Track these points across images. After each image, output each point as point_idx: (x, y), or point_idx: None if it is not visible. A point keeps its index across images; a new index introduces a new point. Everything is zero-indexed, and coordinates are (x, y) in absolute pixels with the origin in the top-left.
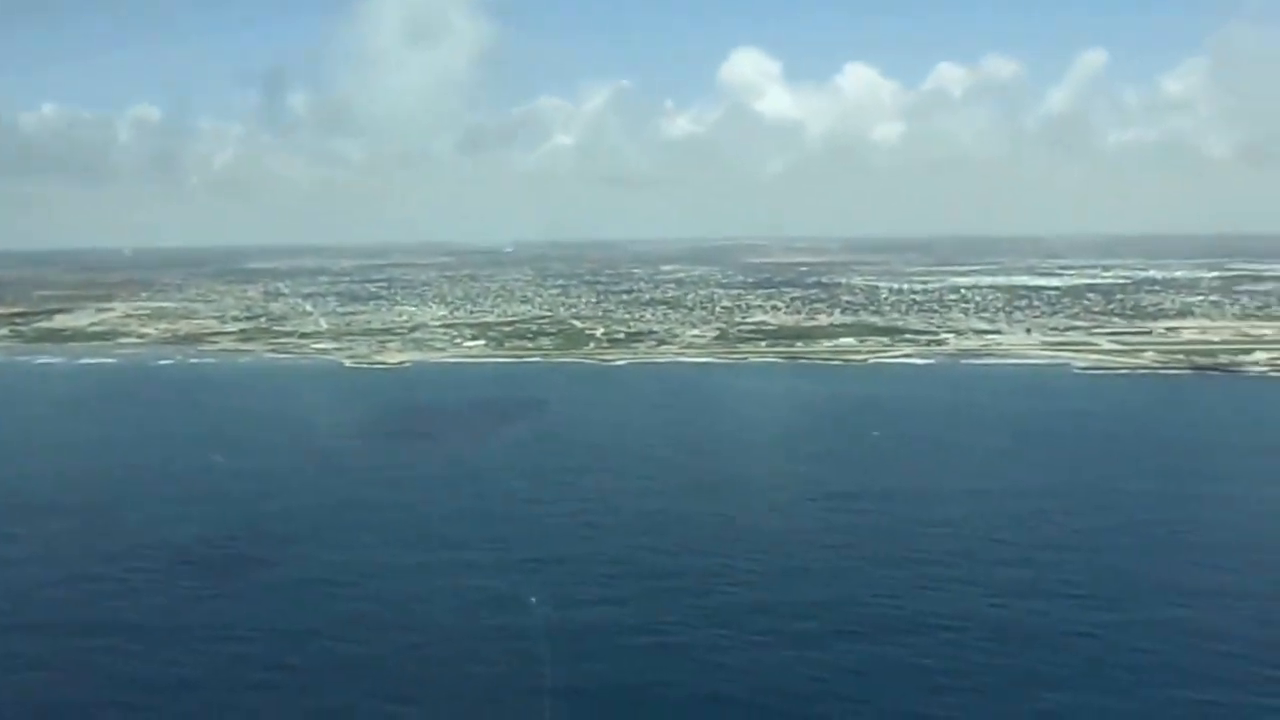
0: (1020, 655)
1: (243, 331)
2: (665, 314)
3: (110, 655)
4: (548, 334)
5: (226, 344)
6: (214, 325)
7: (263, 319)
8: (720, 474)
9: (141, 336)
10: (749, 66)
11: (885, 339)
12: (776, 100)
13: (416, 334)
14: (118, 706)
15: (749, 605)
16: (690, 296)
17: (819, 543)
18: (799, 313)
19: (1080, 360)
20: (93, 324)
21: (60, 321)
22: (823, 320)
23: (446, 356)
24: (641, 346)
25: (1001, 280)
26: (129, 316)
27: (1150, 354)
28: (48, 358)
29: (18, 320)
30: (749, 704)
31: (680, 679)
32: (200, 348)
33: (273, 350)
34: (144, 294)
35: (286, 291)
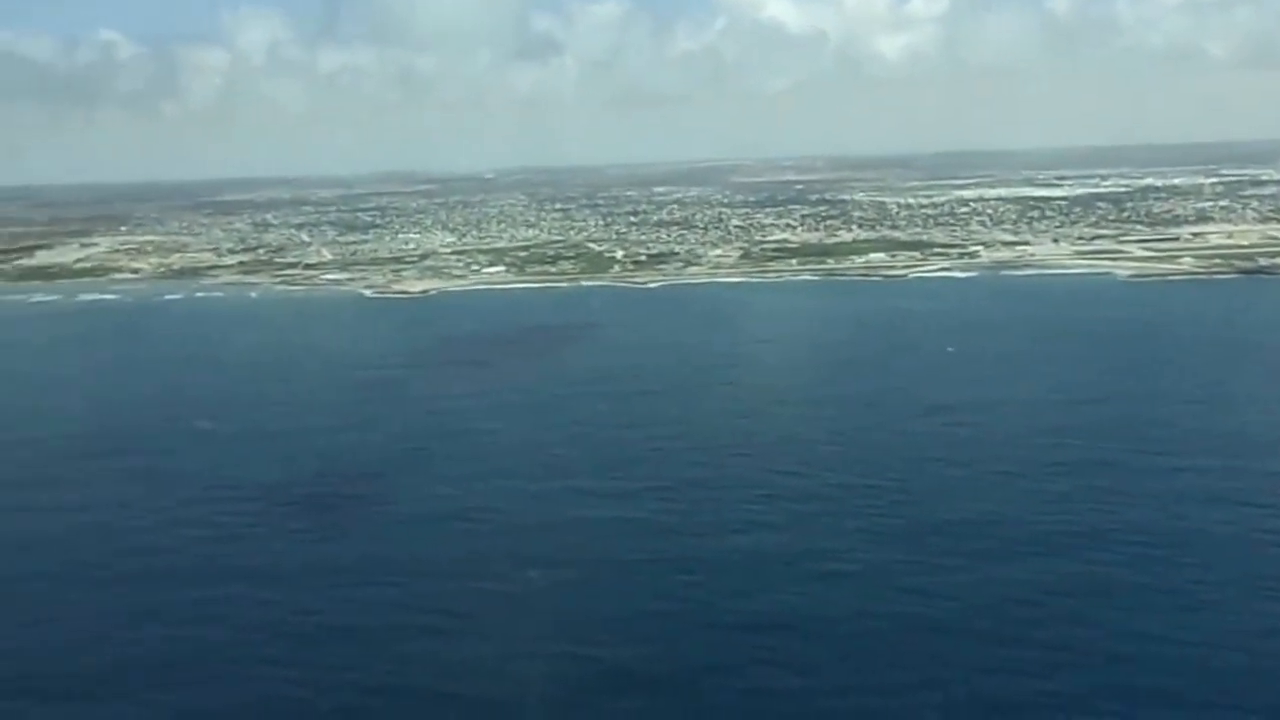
0: (1225, 566)
1: (243, 264)
2: (680, 235)
3: (239, 603)
4: (567, 258)
5: (228, 277)
6: (210, 259)
7: (260, 251)
8: (806, 392)
9: (135, 272)
10: None
11: (915, 253)
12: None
13: (429, 262)
14: (266, 661)
15: (908, 525)
16: (699, 217)
17: (944, 458)
18: (816, 230)
19: (1122, 269)
20: (79, 260)
21: (43, 258)
22: (845, 236)
23: (468, 284)
24: (668, 268)
25: (1005, 192)
26: (116, 252)
27: (1188, 260)
28: (41, 295)
29: None
30: (964, 630)
31: (878, 608)
32: (202, 282)
33: (281, 283)
34: (123, 228)
35: (275, 223)
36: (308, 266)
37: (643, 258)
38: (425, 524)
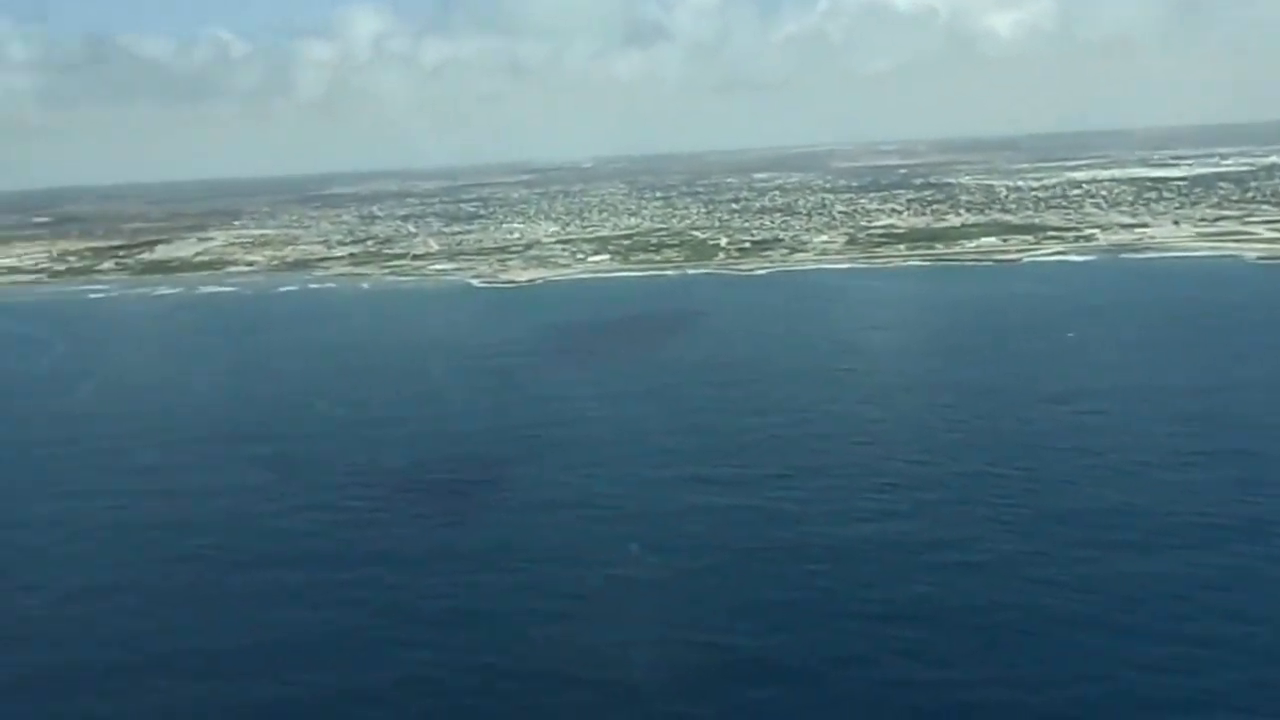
0: None
1: (353, 256)
2: (784, 221)
3: (373, 587)
4: (670, 246)
5: (340, 269)
6: (321, 251)
7: (369, 243)
8: (924, 379)
9: (250, 264)
10: None
11: (1028, 237)
12: None
13: (534, 251)
14: (400, 644)
15: (1039, 515)
16: (801, 203)
17: (1072, 446)
18: (923, 214)
19: (1250, 251)
20: (197, 254)
21: (163, 253)
22: (953, 221)
23: (574, 273)
24: (774, 254)
25: (1120, 173)
26: (232, 245)
27: None
28: (165, 288)
29: (119, 253)
30: (1104, 624)
31: (1012, 599)
32: (314, 273)
33: (391, 273)
34: (236, 223)
35: (382, 215)
36: (415, 257)
37: (747, 245)
38: (546, 510)
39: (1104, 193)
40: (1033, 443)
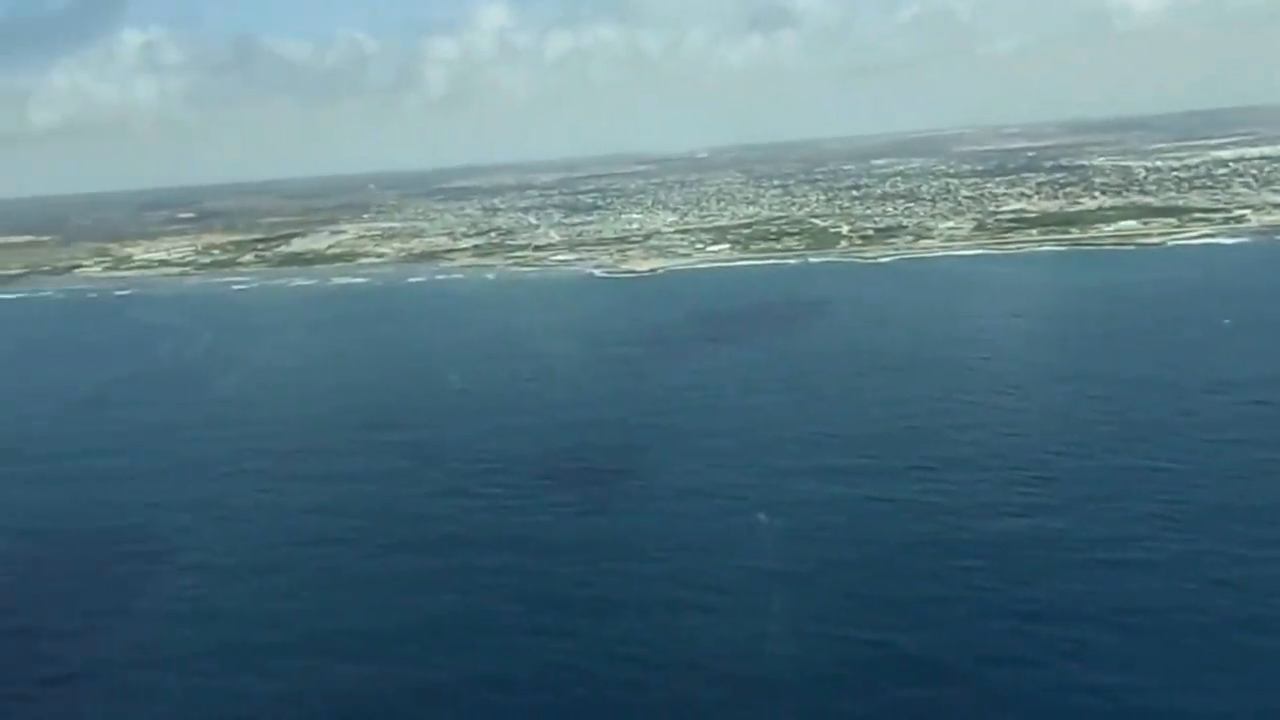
0: None
1: (477, 247)
2: (907, 208)
3: (513, 573)
4: (790, 234)
5: (465, 260)
6: (447, 243)
7: (492, 234)
8: (1071, 368)
9: (379, 256)
10: None
11: (1171, 220)
12: None
13: (653, 241)
14: (543, 631)
15: (1208, 511)
16: (924, 188)
17: (1240, 438)
18: (1055, 198)
19: None
20: (330, 247)
21: (298, 245)
22: (1088, 204)
23: (694, 262)
24: (898, 242)
25: (1270, 150)
26: (362, 238)
27: None
28: (301, 280)
29: (258, 246)
30: None
31: (1187, 600)
32: (441, 265)
33: (514, 264)
34: (365, 216)
35: (503, 207)
36: (537, 248)
37: (870, 232)
38: (681, 499)
39: (1254, 171)
40: (1194, 435)
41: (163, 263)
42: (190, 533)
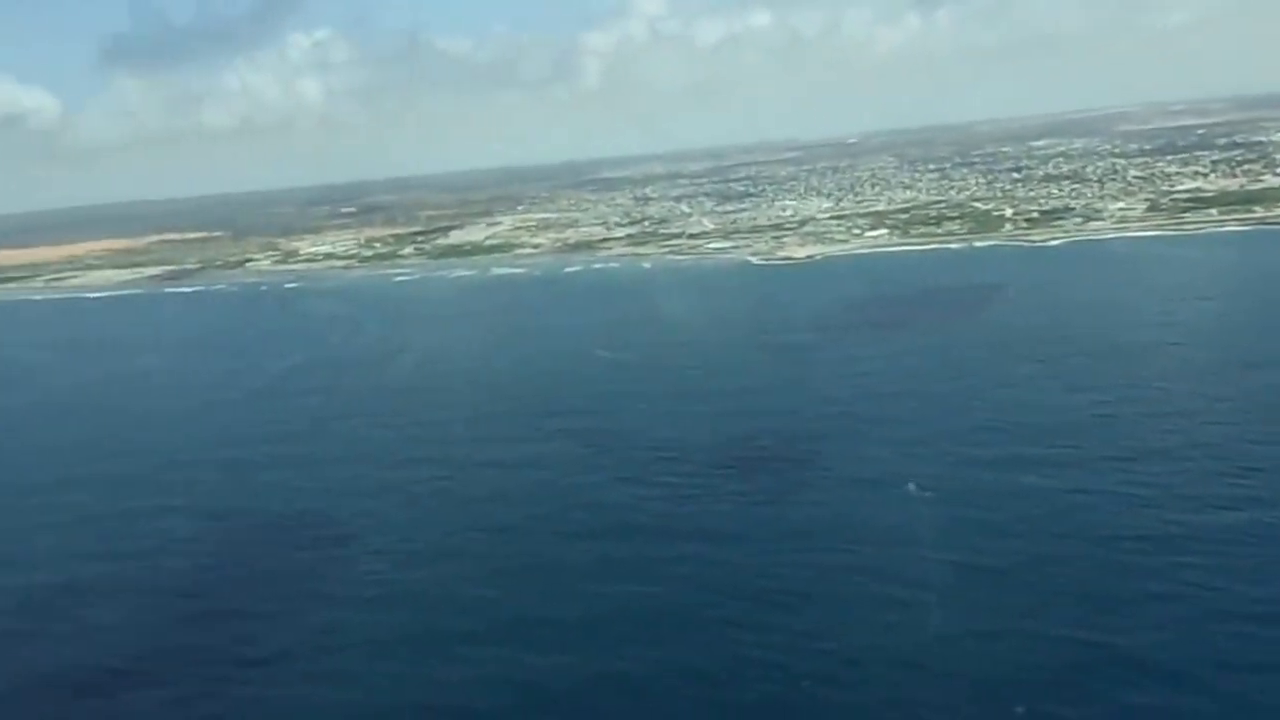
0: None
1: (631, 237)
2: (1073, 189)
3: (697, 563)
4: (951, 218)
5: (619, 249)
6: (601, 232)
7: (645, 223)
8: (1273, 355)
9: (535, 247)
10: None
11: None
12: None
13: (809, 228)
14: (733, 624)
15: None
16: (1089, 169)
17: None
18: (1233, 176)
19: None
20: (487, 238)
21: (456, 238)
22: (1271, 182)
23: (852, 248)
24: (1066, 224)
25: None
26: (517, 229)
27: None
28: (461, 270)
29: (418, 238)
30: None
31: None
32: (597, 254)
33: (670, 252)
34: (519, 208)
35: (655, 196)
36: (691, 236)
37: (1035, 215)
38: (866, 489)
39: None
40: None
41: (328, 256)
42: (374, 518)
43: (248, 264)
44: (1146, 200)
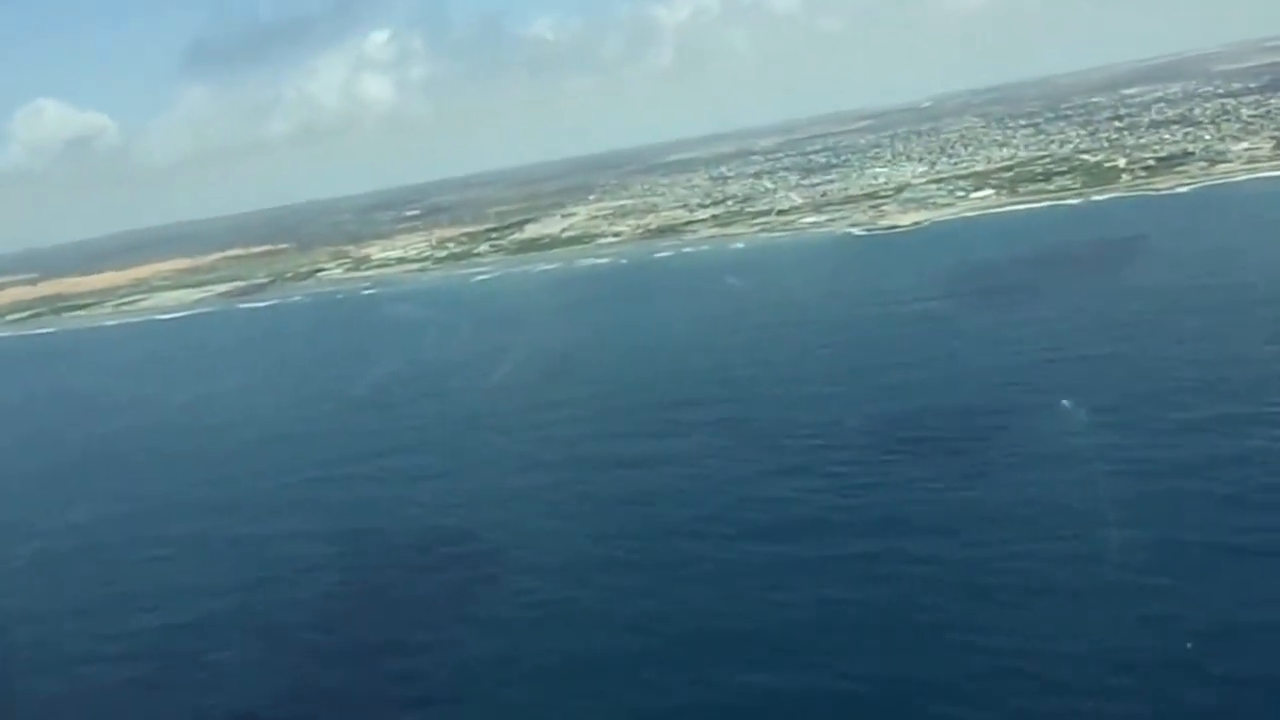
0: None
1: (715, 217)
2: (1186, 133)
3: (900, 559)
4: (1060, 173)
5: (706, 231)
6: (683, 215)
7: (728, 203)
8: None
9: (616, 235)
10: None
11: None
12: None
13: (907, 194)
14: (962, 626)
15: None
16: (1198, 111)
17: None
18: None
19: None
20: (564, 230)
21: (532, 231)
22: None
23: (959, 211)
24: (1190, 170)
25: None
26: (595, 218)
27: None
28: (544, 264)
29: (492, 235)
30: None
31: None
32: (684, 238)
33: (761, 230)
34: (591, 197)
35: (731, 175)
36: (780, 212)
37: (1151, 163)
38: (1063, 465)
39: None
40: None
41: (400, 260)
42: (514, 529)
43: (319, 274)
44: (1272, 138)
